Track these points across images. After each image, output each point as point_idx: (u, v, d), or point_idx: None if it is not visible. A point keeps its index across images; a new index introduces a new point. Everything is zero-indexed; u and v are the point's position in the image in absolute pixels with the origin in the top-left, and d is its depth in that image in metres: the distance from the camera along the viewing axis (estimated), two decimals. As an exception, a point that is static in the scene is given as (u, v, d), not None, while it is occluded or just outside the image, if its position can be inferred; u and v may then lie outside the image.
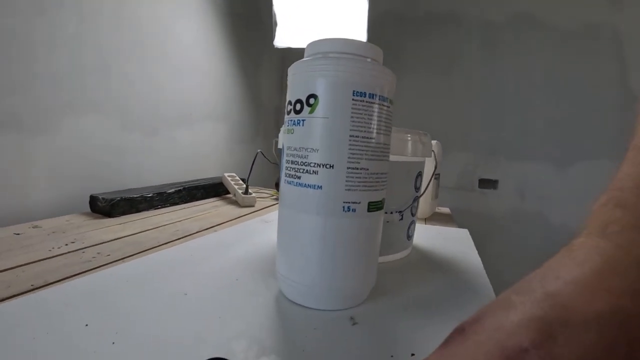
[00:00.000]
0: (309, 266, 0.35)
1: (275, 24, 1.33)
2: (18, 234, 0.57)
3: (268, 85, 1.71)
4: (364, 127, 0.33)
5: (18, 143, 0.70)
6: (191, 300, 0.36)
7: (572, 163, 1.63)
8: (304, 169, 0.34)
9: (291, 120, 0.35)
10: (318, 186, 0.34)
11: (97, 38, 0.84)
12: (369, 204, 0.35)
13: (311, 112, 0.33)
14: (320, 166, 0.33)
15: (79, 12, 0.79)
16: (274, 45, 1.36)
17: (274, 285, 0.41)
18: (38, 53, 0.72)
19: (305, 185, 0.34)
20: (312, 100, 0.33)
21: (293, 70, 0.36)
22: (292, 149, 0.35)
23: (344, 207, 0.34)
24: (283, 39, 1.34)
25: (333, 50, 0.35)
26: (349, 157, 0.33)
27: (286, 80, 0.39)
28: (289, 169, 0.36)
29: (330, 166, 0.33)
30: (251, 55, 1.56)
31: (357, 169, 0.34)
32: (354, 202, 0.34)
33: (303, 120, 0.34)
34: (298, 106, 0.34)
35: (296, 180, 0.35)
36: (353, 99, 0.33)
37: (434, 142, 0.82)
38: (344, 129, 0.33)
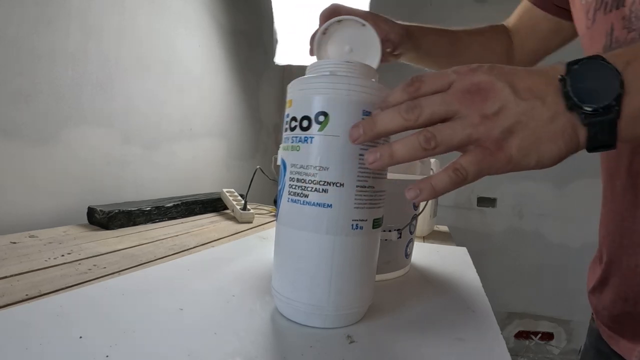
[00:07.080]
0: (314, 285, 0.34)
1: (276, 42, 1.35)
2: (14, 243, 0.57)
3: (268, 103, 1.73)
4: (371, 146, 0.33)
5: (18, 152, 0.70)
6: (187, 315, 0.36)
7: (570, 182, 1.64)
8: (312, 187, 0.33)
9: (296, 137, 0.35)
10: (328, 205, 0.33)
11: (100, 52, 0.85)
12: (374, 221, 0.35)
13: (321, 129, 0.33)
14: (330, 184, 0.33)
15: (83, 25, 0.80)
16: (274, 63, 1.38)
17: (270, 302, 0.41)
18: (41, 64, 0.73)
19: (313, 204, 0.33)
20: (321, 118, 0.33)
21: (299, 86, 0.35)
22: (298, 166, 0.34)
23: (352, 225, 0.34)
24: (284, 56, 1.36)
25: (341, 70, 0.35)
26: (358, 176, 0.33)
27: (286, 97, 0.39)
28: (293, 186, 0.35)
29: (340, 184, 0.33)
30: (252, 72, 1.58)
31: (365, 187, 0.34)
32: (361, 220, 0.34)
33: (311, 138, 0.33)
34: (305, 123, 0.34)
35: (303, 198, 0.34)
36: (363, 118, 0.32)
37: (432, 160, 0.83)
38: (354, 148, 0.33)
